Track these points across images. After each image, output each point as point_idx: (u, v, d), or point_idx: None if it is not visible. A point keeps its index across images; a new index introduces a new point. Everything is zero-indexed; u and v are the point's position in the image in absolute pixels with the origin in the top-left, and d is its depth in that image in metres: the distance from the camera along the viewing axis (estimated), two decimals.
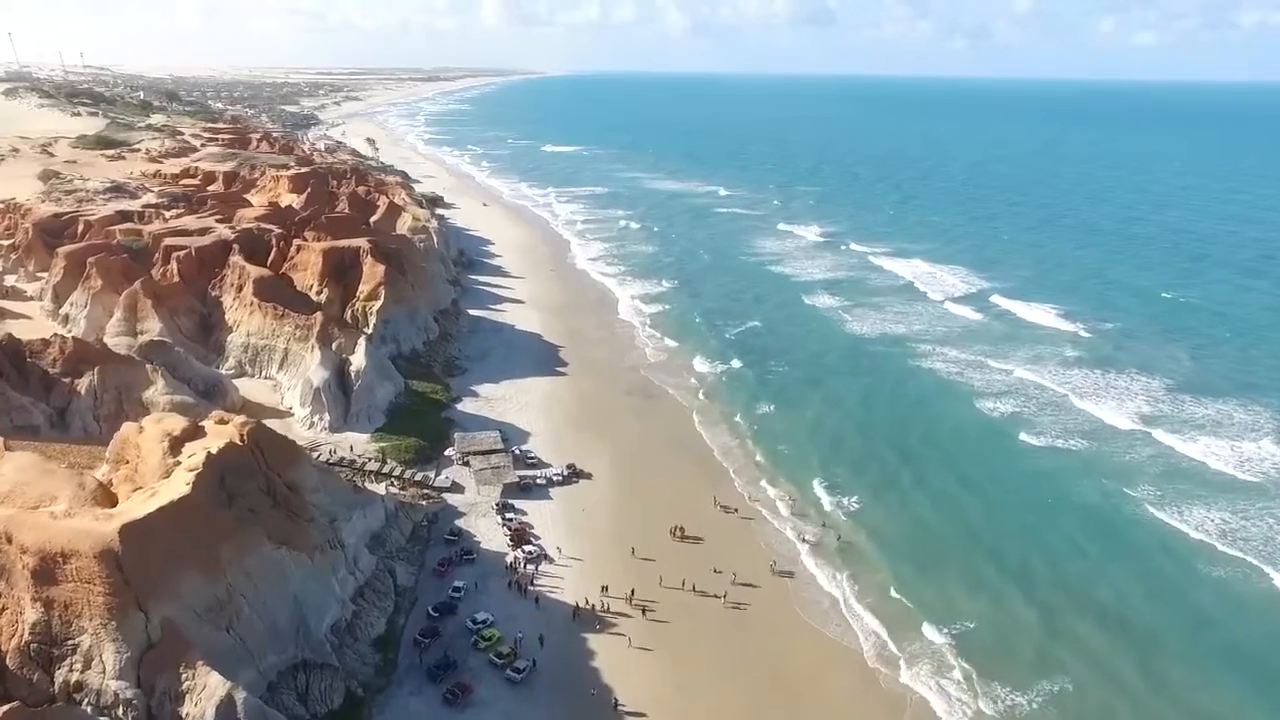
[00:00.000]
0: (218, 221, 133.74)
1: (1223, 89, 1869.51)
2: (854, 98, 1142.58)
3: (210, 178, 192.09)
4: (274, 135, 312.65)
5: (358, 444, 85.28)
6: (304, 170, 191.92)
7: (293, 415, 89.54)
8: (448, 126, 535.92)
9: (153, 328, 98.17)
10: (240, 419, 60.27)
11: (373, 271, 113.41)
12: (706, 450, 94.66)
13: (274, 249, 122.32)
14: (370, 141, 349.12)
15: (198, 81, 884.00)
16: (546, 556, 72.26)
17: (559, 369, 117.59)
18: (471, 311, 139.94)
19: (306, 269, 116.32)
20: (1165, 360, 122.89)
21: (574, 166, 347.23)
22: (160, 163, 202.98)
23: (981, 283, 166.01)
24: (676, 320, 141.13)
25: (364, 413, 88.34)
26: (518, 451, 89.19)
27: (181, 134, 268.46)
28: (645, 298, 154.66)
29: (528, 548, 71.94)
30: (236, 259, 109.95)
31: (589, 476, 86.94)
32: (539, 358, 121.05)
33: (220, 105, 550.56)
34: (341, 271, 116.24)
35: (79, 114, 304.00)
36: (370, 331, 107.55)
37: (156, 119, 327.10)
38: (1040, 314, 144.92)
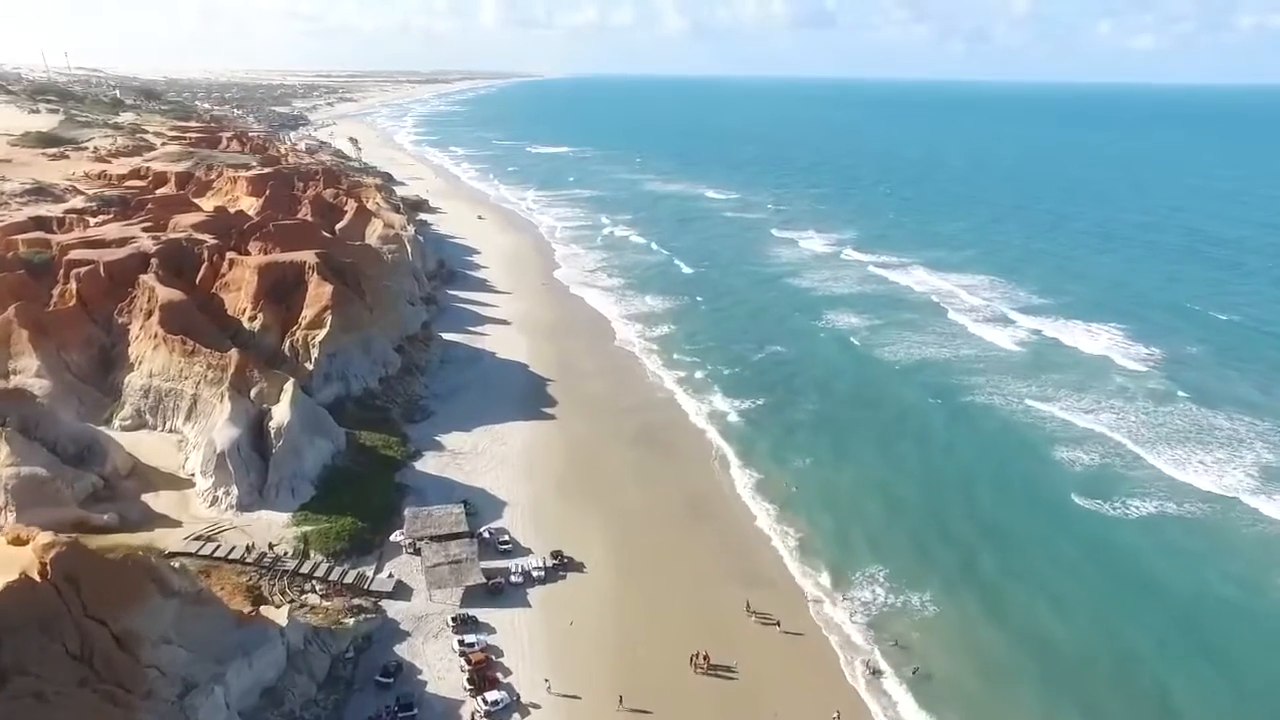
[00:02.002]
0: (145, 230, 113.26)
1: (1221, 92, 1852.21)
2: (852, 100, 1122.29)
3: (161, 179, 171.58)
4: (250, 134, 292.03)
5: (274, 527, 64.59)
6: (266, 171, 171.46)
7: (194, 486, 68.85)
8: (440, 128, 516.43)
9: (28, 366, 77.62)
10: (45, 538, 39.74)
11: (318, 292, 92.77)
12: (733, 525, 74.07)
13: (206, 263, 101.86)
14: (353, 141, 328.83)
15: (192, 83, 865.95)
16: (519, 704, 51.75)
17: (546, 409, 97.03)
18: (446, 335, 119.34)
19: (240, 289, 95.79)
20: (1231, 396, 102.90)
21: (570, 169, 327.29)
22: (108, 162, 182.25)
23: (1001, 298, 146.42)
24: (683, 345, 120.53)
25: (285, 484, 67.66)
26: (487, 534, 68.66)
27: (145, 132, 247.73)
28: (645, 317, 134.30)
29: (492, 696, 51.26)
30: (146, 277, 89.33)
31: (580, 568, 66.38)
32: (522, 395, 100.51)
33: (207, 105, 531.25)
34: (282, 292, 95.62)
35: (38, 111, 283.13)
36: (311, 367, 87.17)
37: (125, 117, 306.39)
38: (1073, 335, 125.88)
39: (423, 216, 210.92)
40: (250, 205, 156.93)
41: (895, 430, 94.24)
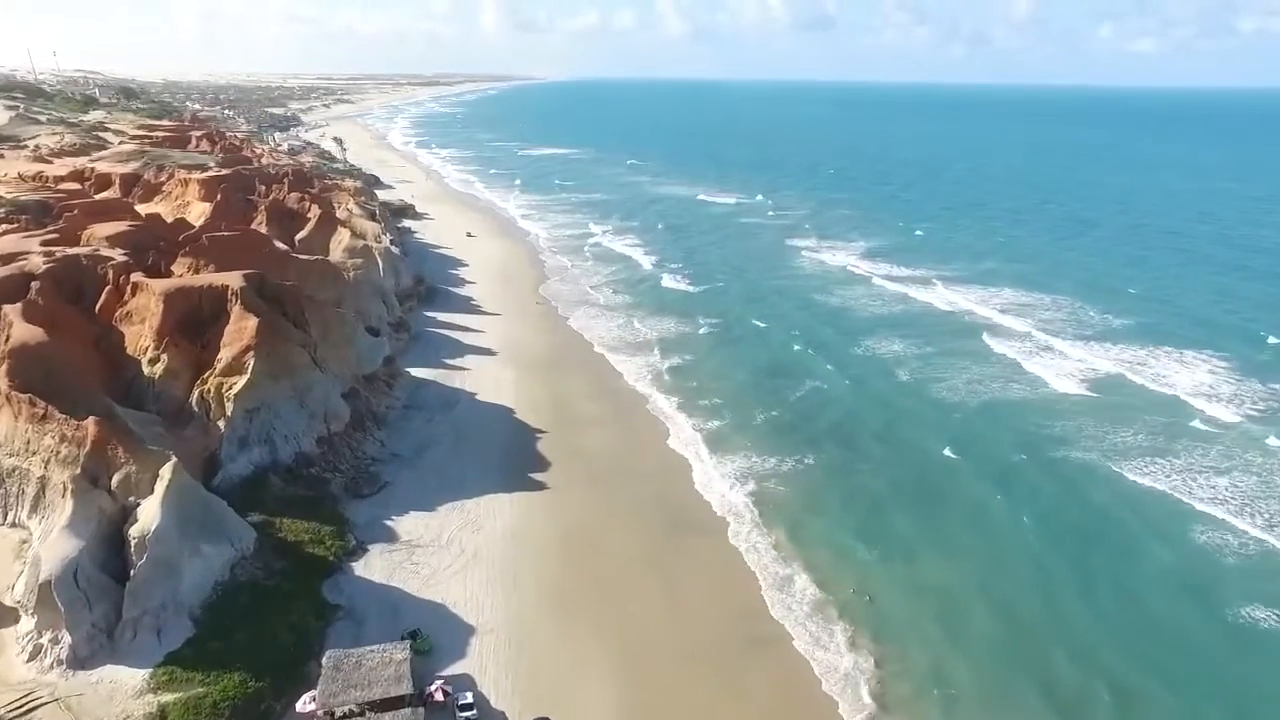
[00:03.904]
0: (46, 243, 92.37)
1: (1224, 95, 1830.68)
2: (853, 102, 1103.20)
3: (105, 181, 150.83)
4: (225, 134, 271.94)
5: (119, 696, 43.29)
6: (222, 173, 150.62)
7: (17, 624, 47.65)
8: (436, 129, 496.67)
9: None
10: None
11: (240, 327, 71.78)
12: (794, 667, 52.85)
13: (111, 286, 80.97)
14: (338, 141, 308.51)
15: (192, 86, 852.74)
16: None
17: (535, 474, 75.90)
18: (416, 371, 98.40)
19: (143, 321, 74.96)
20: None
21: (568, 172, 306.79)
22: (49, 162, 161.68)
23: (1042, 322, 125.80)
24: (697, 382, 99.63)
25: (148, 621, 46.48)
26: (441, 691, 47.39)
27: (105, 131, 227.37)
28: (651, 344, 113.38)
29: None
30: (10, 309, 68.23)
31: None
32: (506, 454, 79.39)
33: (197, 106, 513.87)
34: (197, 325, 74.69)
35: None
36: (227, 428, 66.15)
37: (94, 116, 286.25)
38: (1138, 370, 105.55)
39: (406, 223, 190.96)
40: (202, 211, 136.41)
41: (973, 504, 73.65)
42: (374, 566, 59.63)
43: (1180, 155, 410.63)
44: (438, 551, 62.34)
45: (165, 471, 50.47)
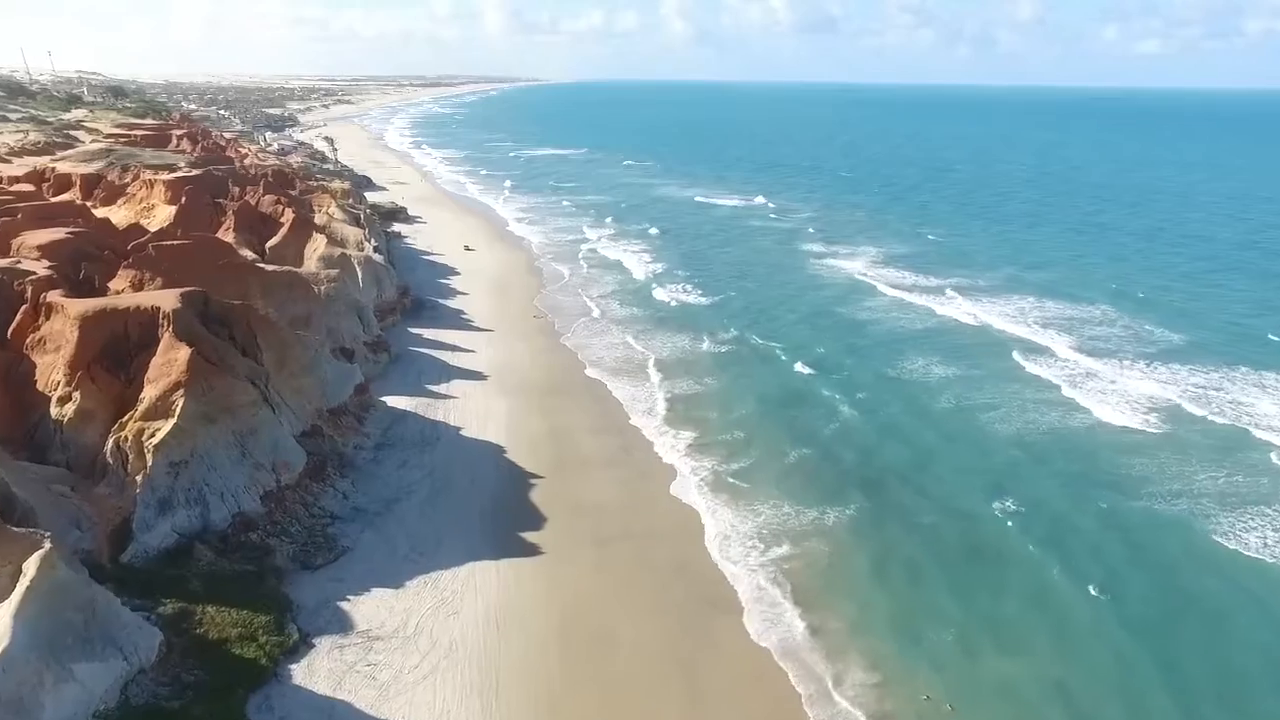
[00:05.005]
0: None
1: (1231, 96, 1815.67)
2: (855, 104, 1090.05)
3: (65, 182, 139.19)
4: (211, 133, 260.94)
5: None
6: (191, 174, 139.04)
7: None
8: (435, 130, 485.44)
9: None
10: None
11: (168, 359, 60.01)
12: None
13: (28, 306, 69.34)
14: (329, 141, 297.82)
15: (194, 86, 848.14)
16: None
17: (526, 534, 63.98)
18: (393, 401, 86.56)
19: (58, 349, 63.33)
20: None
21: (569, 174, 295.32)
22: (8, 162, 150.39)
23: (1076, 335, 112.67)
24: (710, 413, 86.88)
25: None
26: None
27: (79, 129, 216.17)
28: (657, 367, 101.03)
29: None
30: None
31: None
32: (493, 508, 67.31)
33: (192, 106, 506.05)
34: (123, 356, 62.91)
35: None
36: (143, 486, 54.39)
37: (75, 114, 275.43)
38: (1204, 397, 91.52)
39: (397, 227, 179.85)
40: (168, 215, 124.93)
41: (1032, 571, 60.97)
42: (319, 670, 47.63)
43: (1188, 156, 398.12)
44: (402, 645, 50.44)
45: (29, 566, 38.51)
